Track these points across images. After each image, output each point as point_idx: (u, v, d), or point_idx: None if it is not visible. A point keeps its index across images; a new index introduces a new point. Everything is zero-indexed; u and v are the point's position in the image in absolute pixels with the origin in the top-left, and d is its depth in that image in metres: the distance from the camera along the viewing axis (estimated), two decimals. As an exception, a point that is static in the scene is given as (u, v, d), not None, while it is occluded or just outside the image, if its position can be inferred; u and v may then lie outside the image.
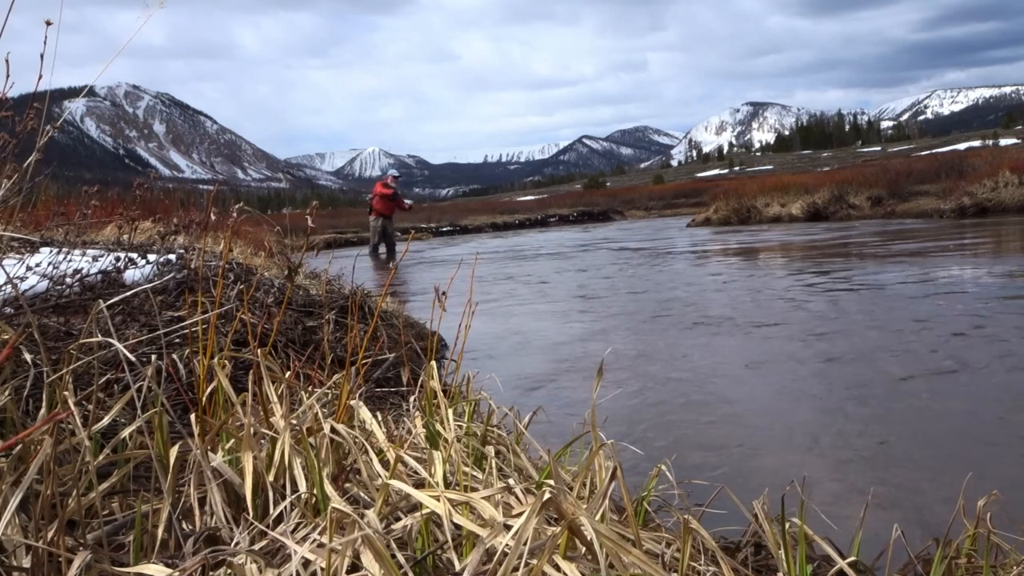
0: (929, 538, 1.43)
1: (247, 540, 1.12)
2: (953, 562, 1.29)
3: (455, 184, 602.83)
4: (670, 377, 3.60)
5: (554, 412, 2.94)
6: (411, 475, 1.37)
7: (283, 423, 1.35)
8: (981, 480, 1.66)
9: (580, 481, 1.32)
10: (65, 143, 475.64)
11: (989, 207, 14.74)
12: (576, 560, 1.01)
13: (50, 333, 2.07)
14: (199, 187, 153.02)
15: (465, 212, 35.12)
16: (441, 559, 1.12)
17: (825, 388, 3.25)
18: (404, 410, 2.11)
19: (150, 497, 1.22)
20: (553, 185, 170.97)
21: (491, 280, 8.88)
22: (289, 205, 61.60)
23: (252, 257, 6.22)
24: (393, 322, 3.71)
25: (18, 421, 1.32)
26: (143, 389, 1.34)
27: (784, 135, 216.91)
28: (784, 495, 1.37)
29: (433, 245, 20.29)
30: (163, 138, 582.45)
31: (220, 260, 3.21)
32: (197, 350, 1.58)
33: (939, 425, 2.70)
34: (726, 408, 3.06)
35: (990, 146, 47.56)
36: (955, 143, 78.22)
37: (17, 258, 2.50)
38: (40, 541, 0.99)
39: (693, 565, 1.17)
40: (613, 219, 32.77)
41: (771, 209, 19.47)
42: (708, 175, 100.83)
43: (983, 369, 3.35)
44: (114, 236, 4.14)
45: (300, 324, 3.04)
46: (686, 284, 7.26)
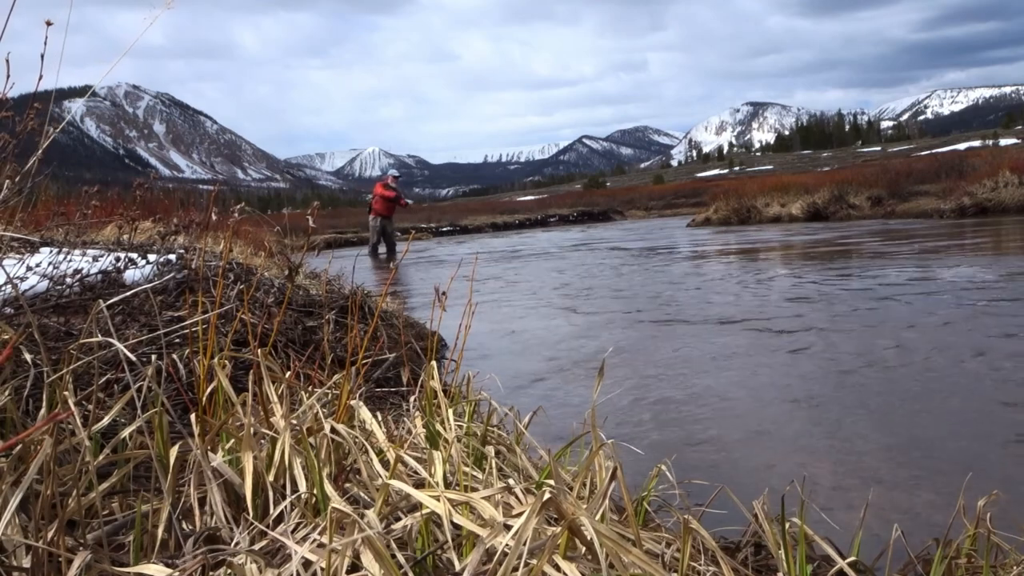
0: (930, 538, 1.43)
1: (247, 540, 1.12)
2: (953, 562, 1.29)
3: (455, 184, 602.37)
4: (666, 374, 3.60)
5: (549, 409, 2.94)
6: (411, 475, 1.37)
7: (283, 423, 1.35)
8: (974, 473, 1.65)
9: (580, 481, 1.32)
10: (65, 143, 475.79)
11: (989, 207, 14.75)
12: (576, 560, 1.01)
13: (50, 333, 2.07)
14: (199, 187, 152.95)
15: (465, 212, 35.14)
16: (441, 559, 1.12)
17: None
18: (404, 410, 2.11)
19: (150, 497, 1.22)
20: (553, 185, 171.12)
21: (492, 280, 8.88)
22: (289, 205, 61.51)
23: (252, 257, 6.22)
24: (393, 322, 3.71)
25: (18, 421, 1.32)
26: (143, 389, 1.34)
27: (784, 135, 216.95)
28: (784, 495, 1.37)
29: (433, 245, 20.30)
30: (163, 138, 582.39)
31: (220, 260, 3.21)
32: (197, 350, 1.58)
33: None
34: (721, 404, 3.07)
35: (990, 146, 47.58)
36: (955, 143, 78.26)
37: (17, 258, 2.50)
38: (40, 541, 0.99)
39: (693, 565, 1.17)
40: (613, 219, 32.78)
41: (771, 209, 19.48)
42: (708, 175, 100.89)
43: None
44: (114, 236, 4.14)
45: (300, 324, 3.04)
46: (694, 288, 7.27)
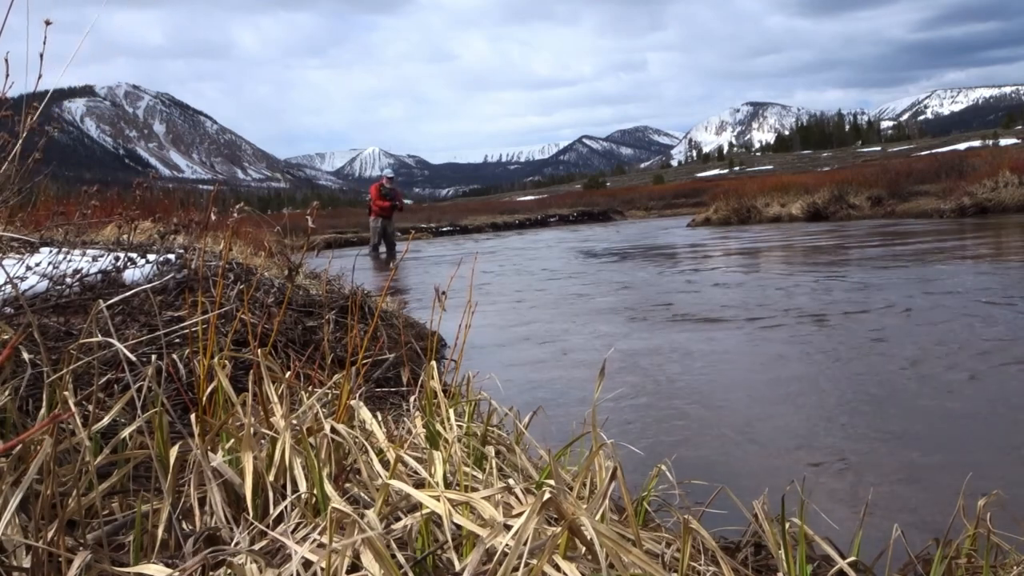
0: (930, 538, 1.43)
1: (247, 540, 1.12)
2: (953, 562, 1.29)
3: (455, 184, 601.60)
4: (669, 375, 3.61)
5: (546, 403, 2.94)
6: (411, 475, 1.37)
7: (283, 423, 1.35)
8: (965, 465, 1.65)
9: (580, 481, 1.33)
10: (65, 143, 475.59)
11: (989, 207, 14.75)
12: (576, 560, 1.01)
13: (50, 333, 2.07)
14: (199, 187, 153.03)
15: (465, 212, 35.12)
16: (441, 559, 1.12)
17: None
18: (404, 410, 2.11)
19: (150, 497, 1.22)
20: (553, 185, 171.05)
21: (491, 280, 8.88)
22: (289, 205, 61.49)
23: (252, 257, 6.22)
24: (393, 322, 3.71)
25: (18, 422, 1.32)
26: (143, 389, 1.34)
27: (784, 135, 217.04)
28: (784, 495, 1.37)
29: (433, 245, 20.29)
30: (163, 138, 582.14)
31: (220, 260, 3.21)
32: (197, 350, 1.58)
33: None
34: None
35: (990, 146, 47.53)
36: (955, 143, 78.24)
37: (17, 258, 2.50)
38: (40, 541, 0.99)
39: (693, 565, 1.17)
40: (613, 219, 32.75)
41: (771, 209, 19.47)
42: (708, 175, 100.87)
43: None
44: (114, 236, 4.14)
45: (300, 324, 3.04)
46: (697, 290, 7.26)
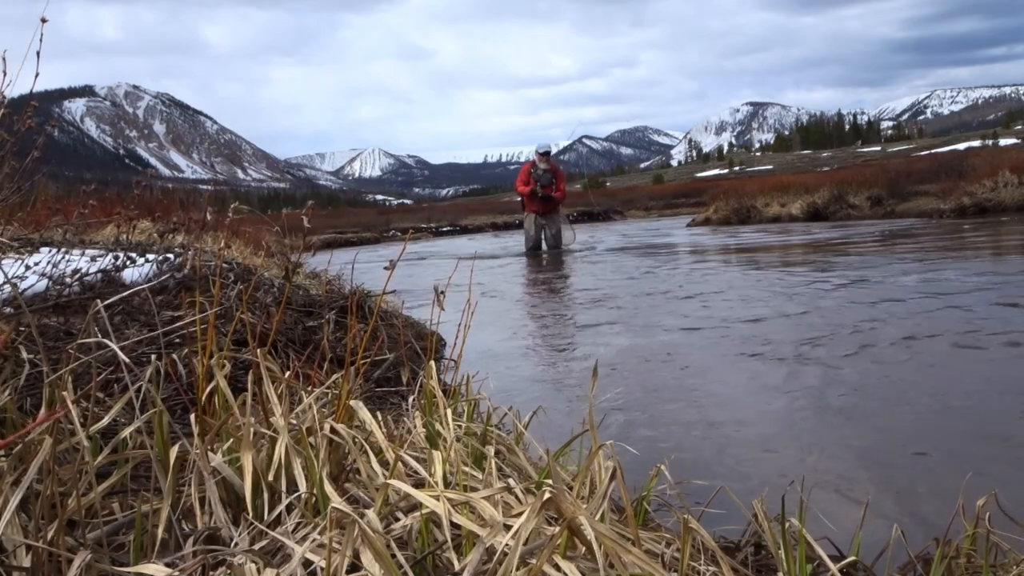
0: (930, 538, 1.43)
1: (247, 540, 1.12)
2: (953, 562, 1.29)
3: (455, 184, 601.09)
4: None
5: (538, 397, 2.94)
6: (411, 475, 1.37)
7: (283, 423, 1.35)
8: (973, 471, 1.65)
9: (580, 481, 1.32)
10: (65, 143, 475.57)
11: (989, 207, 14.74)
12: (576, 560, 1.01)
13: (50, 333, 2.07)
14: (199, 187, 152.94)
15: (465, 212, 35.12)
16: (441, 559, 1.12)
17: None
18: (404, 410, 2.10)
19: (150, 497, 1.22)
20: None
21: (492, 278, 8.88)
22: (289, 205, 61.36)
23: (251, 257, 6.22)
24: (393, 322, 3.71)
25: (18, 422, 1.32)
26: (143, 389, 1.34)
27: (784, 135, 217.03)
28: (784, 495, 1.37)
29: (433, 244, 20.29)
30: (163, 138, 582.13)
31: (218, 259, 3.21)
32: (196, 350, 1.58)
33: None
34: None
35: (990, 146, 47.54)
36: (955, 143, 78.26)
37: (16, 258, 2.50)
38: (40, 541, 0.99)
39: (693, 565, 1.17)
40: (613, 219, 32.74)
41: (771, 209, 19.47)
42: (708, 175, 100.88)
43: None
44: (113, 236, 4.14)
45: (300, 324, 3.04)
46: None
